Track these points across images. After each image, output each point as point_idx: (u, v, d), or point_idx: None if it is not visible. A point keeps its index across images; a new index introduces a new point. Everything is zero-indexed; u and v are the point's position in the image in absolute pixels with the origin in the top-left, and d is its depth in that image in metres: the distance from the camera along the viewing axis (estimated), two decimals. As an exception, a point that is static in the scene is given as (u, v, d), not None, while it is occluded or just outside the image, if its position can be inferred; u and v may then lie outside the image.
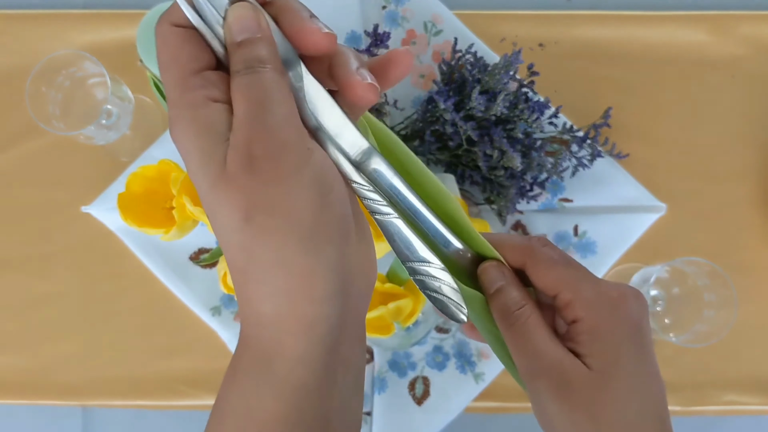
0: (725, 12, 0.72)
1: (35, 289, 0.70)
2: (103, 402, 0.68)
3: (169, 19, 0.24)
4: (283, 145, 0.22)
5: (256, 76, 0.23)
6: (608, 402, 0.28)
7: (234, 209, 0.22)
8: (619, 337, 0.29)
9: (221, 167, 0.22)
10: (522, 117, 0.60)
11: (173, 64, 0.23)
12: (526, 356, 0.29)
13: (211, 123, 0.23)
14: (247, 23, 0.23)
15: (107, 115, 0.61)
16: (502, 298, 0.30)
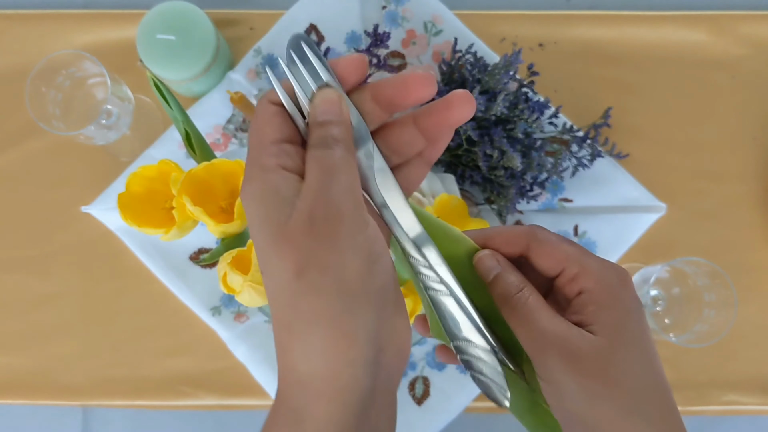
0: (725, 12, 0.72)
1: (35, 289, 0.70)
2: (103, 402, 0.68)
3: (268, 96, 0.27)
4: (341, 213, 0.25)
5: (329, 151, 0.26)
6: (619, 367, 0.29)
7: (288, 264, 0.24)
8: (626, 307, 0.30)
9: (281, 226, 0.25)
10: (522, 117, 0.60)
11: (259, 132, 0.27)
12: (533, 335, 0.29)
13: (277, 187, 0.25)
14: (330, 107, 0.27)
15: (107, 115, 0.61)
16: (501, 284, 0.31)
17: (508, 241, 0.32)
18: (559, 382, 0.29)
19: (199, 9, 0.64)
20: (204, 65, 0.64)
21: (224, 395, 0.68)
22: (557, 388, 0.29)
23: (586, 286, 0.30)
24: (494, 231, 0.32)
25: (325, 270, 0.24)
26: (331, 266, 0.24)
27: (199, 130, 0.51)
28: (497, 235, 0.32)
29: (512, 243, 0.32)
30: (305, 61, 0.28)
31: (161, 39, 0.63)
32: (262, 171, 0.26)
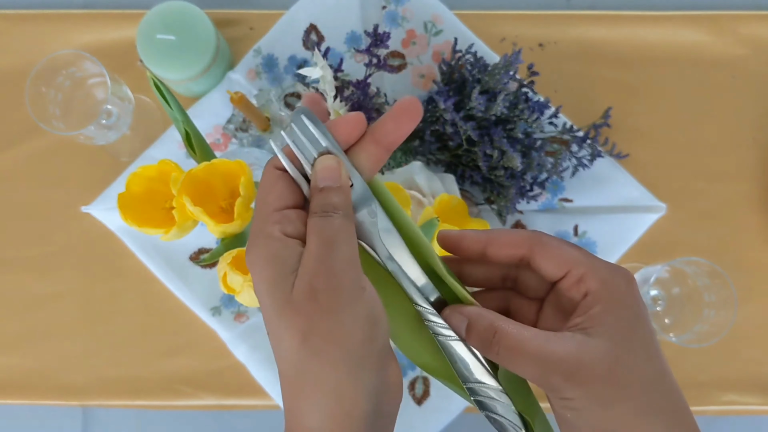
0: (725, 12, 0.72)
1: (35, 289, 0.70)
2: (103, 402, 0.68)
3: (273, 162, 0.29)
4: (341, 283, 0.26)
5: (329, 220, 0.27)
6: (629, 368, 0.28)
7: (295, 331, 0.26)
8: (633, 308, 0.29)
9: (287, 294, 0.26)
10: (522, 117, 0.60)
11: (263, 198, 0.28)
12: (528, 365, 0.29)
13: (279, 254, 0.27)
14: (329, 174, 0.28)
15: (107, 115, 0.61)
16: (474, 334, 0.30)
17: (511, 243, 0.31)
18: (571, 400, 0.28)
19: (199, 9, 0.64)
20: (204, 65, 0.64)
21: (224, 395, 0.68)
22: (573, 409, 0.29)
23: (592, 287, 0.29)
24: (496, 233, 0.32)
25: (327, 338, 0.26)
26: (333, 333, 0.26)
27: (199, 130, 0.51)
28: (500, 237, 0.32)
29: (515, 245, 0.31)
30: (305, 131, 0.29)
31: (161, 39, 0.63)
32: (265, 238, 0.27)
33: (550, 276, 0.31)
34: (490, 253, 0.32)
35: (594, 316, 0.29)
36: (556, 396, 0.29)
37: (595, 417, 0.28)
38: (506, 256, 0.32)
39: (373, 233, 0.30)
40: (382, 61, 0.61)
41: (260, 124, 0.67)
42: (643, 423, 0.28)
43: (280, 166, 0.29)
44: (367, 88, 0.62)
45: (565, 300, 0.31)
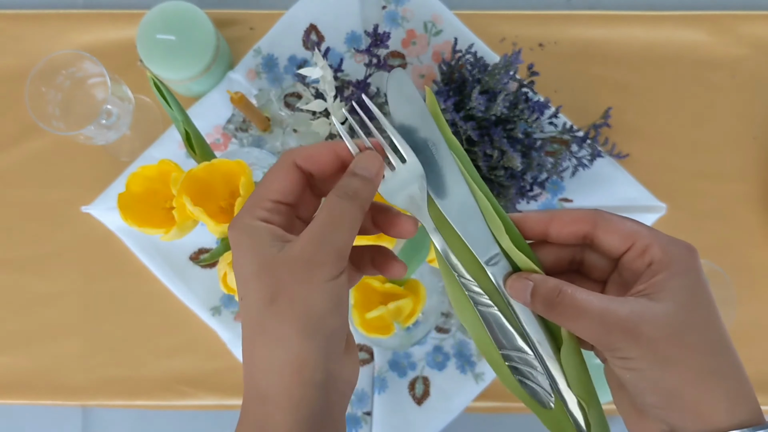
0: (725, 12, 0.72)
1: (35, 289, 0.70)
2: (103, 402, 0.68)
3: (294, 154, 0.31)
4: (327, 260, 0.28)
5: (345, 202, 0.29)
6: (692, 329, 0.28)
7: (264, 291, 0.28)
8: (695, 275, 0.30)
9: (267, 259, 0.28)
10: (522, 117, 0.60)
11: (268, 182, 0.31)
12: (592, 325, 0.29)
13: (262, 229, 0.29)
14: (369, 166, 0.31)
15: (107, 115, 0.61)
16: (540, 294, 0.31)
17: (574, 220, 0.32)
18: (632, 360, 0.29)
19: (199, 9, 0.64)
20: (204, 65, 0.64)
21: (224, 395, 0.68)
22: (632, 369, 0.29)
23: (656, 257, 0.30)
24: (559, 212, 0.33)
25: (292, 302, 0.28)
26: (300, 300, 0.28)
27: (199, 130, 0.51)
28: (562, 216, 0.32)
29: (578, 222, 0.32)
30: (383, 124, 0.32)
31: (161, 39, 0.63)
32: (252, 218, 0.30)
33: (614, 250, 0.31)
34: (552, 233, 0.32)
35: (657, 283, 0.29)
36: (615, 356, 0.29)
37: (656, 377, 0.28)
38: (569, 234, 0.32)
39: (421, 207, 0.32)
40: (382, 61, 0.61)
41: (260, 124, 0.67)
42: (703, 385, 0.28)
43: (299, 163, 0.31)
44: (367, 88, 0.62)
45: (628, 274, 0.32)
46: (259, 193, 0.31)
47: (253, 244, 0.29)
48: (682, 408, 0.28)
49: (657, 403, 0.29)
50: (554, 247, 0.34)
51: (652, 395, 0.29)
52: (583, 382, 0.32)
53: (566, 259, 0.34)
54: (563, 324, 0.30)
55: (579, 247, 0.33)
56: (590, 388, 0.33)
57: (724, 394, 0.28)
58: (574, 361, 0.32)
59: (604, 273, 0.33)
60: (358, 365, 0.32)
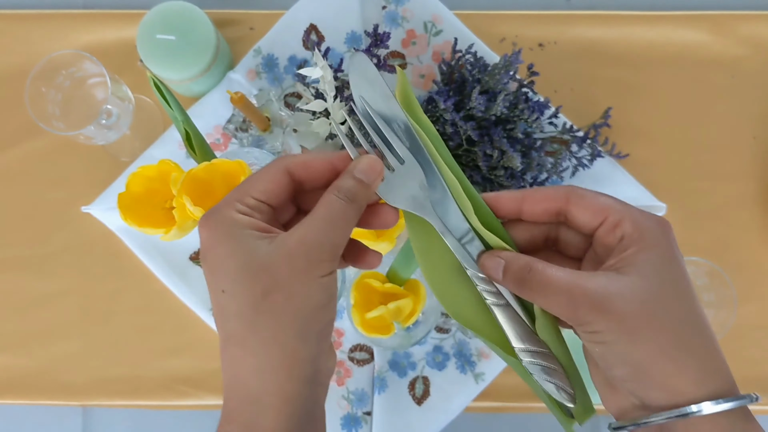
0: (725, 12, 0.72)
1: (35, 289, 0.70)
2: (103, 402, 0.68)
3: (287, 161, 0.30)
4: (323, 256, 0.28)
5: (344, 203, 0.29)
6: (660, 304, 0.28)
7: (256, 286, 0.27)
8: (666, 249, 0.30)
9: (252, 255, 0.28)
10: (522, 117, 0.60)
11: (255, 181, 0.30)
12: (562, 300, 0.29)
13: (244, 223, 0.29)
14: (369, 172, 0.30)
15: (107, 115, 0.61)
16: (510, 274, 0.31)
17: (547, 197, 0.32)
18: (600, 333, 0.28)
19: (199, 9, 0.64)
20: (204, 65, 0.64)
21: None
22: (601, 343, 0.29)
23: (627, 231, 0.30)
24: (532, 190, 0.33)
25: (290, 296, 0.28)
26: (296, 294, 0.28)
27: (199, 130, 0.51)
28: (535, 193, 0.32)
29: (551, 198, 0.32)
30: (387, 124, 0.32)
31: (161, 39, 0.63)
32: (234, 212, 0.29)
33: (587, 225, 0.31)
34: (526, 210, 0.32)
35: (627, 257, 0.29)
36: (585, 330, 0.29)
37: (625, 350, 0.28)
38: (542, 211, 0.32)
39: (425, 206, 0.32)
40: (382, 61, 0.61)
41: (260, 124, 0.67)
42: (672, 358, 0.28)
43: (292, 170, 0.30)
44: (367, 88, 0.61)
45: (601, 250, 0.31)
46: (243, 189, 0.30)
47: (236, 236, 0.28)
48: (651, 381, 0.28)
49: (626, 376, 0.29)
50: (529, 225, 0.33)
51: (621, 368, 0.29)
52: (562, 356, 0.32)
53: (541, 237, 0.34)
54: (534, 300, 0.30)
55: (554, 225, 0.33)
56: (569, 362, 0.33)
57: (693, 367, 0.28)
58: (551, 336, 0.32)
59: (580, 250, 0.33)
60: (336, 357, 0.32)
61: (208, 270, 0.29)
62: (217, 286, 0.28)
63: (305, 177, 0.31)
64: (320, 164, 0.31)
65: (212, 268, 0.29)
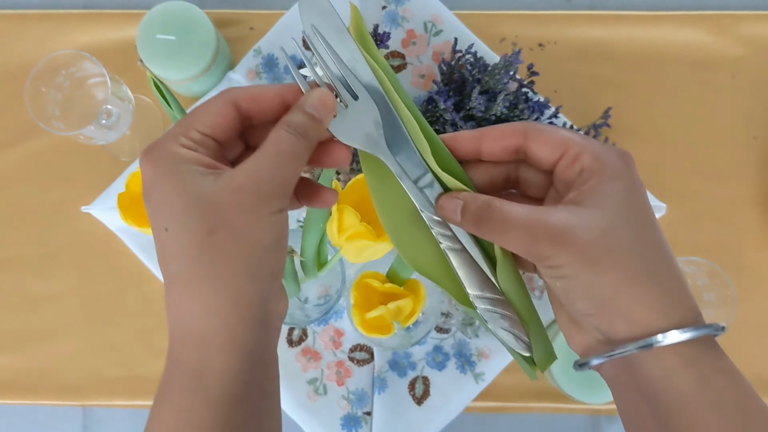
0: (725, 12, 0.72)
1: (35, 289, 0.70)
2: (103, 402, 0.68)
3: (234, 94, 0.29)
4: (273, 192, 0.27)
5: (294, 138, 0.28)
6: (620, 234, 0.28)
7: (201, 223, 0.26)
8: (626, 180, 0.29)
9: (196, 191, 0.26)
10: (522, 117, 0.60)
11: (199, 114, 0.28)
12: (521, 235, 0.28)
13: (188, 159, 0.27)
14: (322, 108, 0.29)
15: (107, 115, 0.61)
16: (468, 214, 0.30)
17: (506, 133, 0.31)
18: (561, 267, 0.28)
19: (199, 9, 0.64)
20: (204, 65, 0.64)
21: (224, 395, 0.68)
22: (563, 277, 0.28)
23: (586, 163, 0.29)
24: (489, 128, 0.32)
25: (239, 234, 0.26)
26: (245, 232, 0.26)
27: (199, 130, 0.51)
28: (493, 131, 0.31)
29: (509, 135, 0.31)
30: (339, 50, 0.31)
31: (161, 39, 0.63)
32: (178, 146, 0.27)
33: (546, 160, 0.30)
34: (485, 149, 0.32)
35: (587, 189, 0.29)
36: (545, 265, 0.28)
37: (586, 284, 0.28)
38: (501, 149, 0.31)
39: (380, 144, 0.30)
40: (382, 61, 0.60)
41: (260, 124, 0.67)
42: (634, 288, 0.27)
43: (240, 103, 0.29)
44: (367, 88, 0.62)
45: (562, 186, 0.31)
46: (187, 122, 0.28)
47: (180, 172, 0.26)
48: (614, 312, 0.28)
49: (588, 309, 0.28)
50: (488, 165, 0.33)
51: (584, 302, 0.28)
52: (522, 301, 0.32)
53: (501, 177, 0.33)
54: (493, 238, 0.29)
55: (513, 164, 0.33)
56: (530, 308, 0.32)
57: (656, 297, 0.27)
58: (511, 280, 0.31)
59: (541, 189, 0.32)
60: (288, 300, 0.31)
61: (150, 208, 0.27)
62: (160, 225, 0.27)
63: (254, 110, 0.29)
64: (269, 97, 0.29)
65: (155, 205, 0.27)
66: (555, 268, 0.28)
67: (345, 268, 0.60)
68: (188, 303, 0.27)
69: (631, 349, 0.27)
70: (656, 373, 0.27)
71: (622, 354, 0.28)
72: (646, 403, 0.28)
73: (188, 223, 0.26)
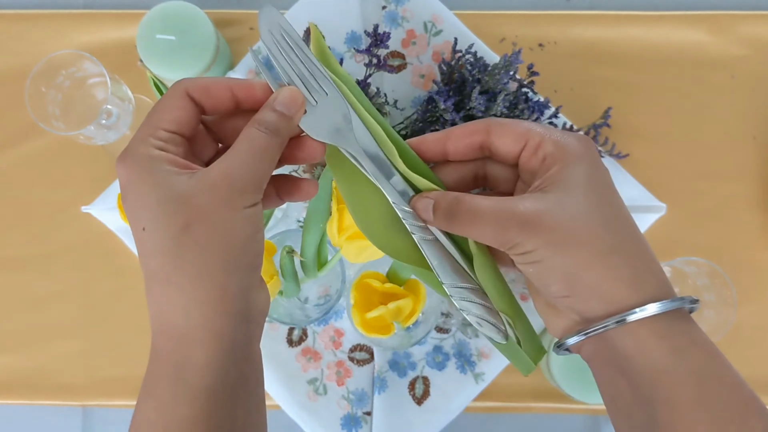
0: (725, 12, 0.72)
1: (35, 289, 0.70)
2: (103, 402, 0.68)
3: (186, 85, 0.29)
4: (246, 187, 0.28)
5: (266, 136, 0.29)
6: (584, 213, 0.28)
7: (178, 219, 0.26)
8: (586, 163, 0.30)
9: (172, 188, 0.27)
10: (522, 117, 0.60)
11: (158, 112, 0.29)
12: (488, 225, 0.29)
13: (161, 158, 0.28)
14: (290, 104, 0.30)
15: (107, 115, 0.61)
16: (440, 210, 0.31)
17: (469, 131, 0.32)
18: (531, 253, 0.29)
19: (199, 9, 0.64)
20: (204, 65, 0.64)
21: (224, 395, 0.68)
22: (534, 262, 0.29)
23: (548, 151, 0.30)
24: (453, 128, 0.33)
25: (214, 228, 0.27)
26: (220, 225, 0.27)
27: (199, 130, 0.51)
28: (457, 130, 0.32)
29: (473, 132, 0.32)
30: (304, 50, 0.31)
31: (161, 39, 0.63)
32: (147, 147, 0.28)
33: (510, 153, 0.31)
34: (451, 149, 0.33)
35: (551, 176, 0.30)
36: (516, 252, 0.29)
37: (557, 265, 0.28)
38: (466, 147, 0.32)
39: (348, 137, 0.31)
40: (382, 61, 0.61)
41: (260, 124, 0.67)
42: (602, 265, 0.28)
43: (192, 93, 0.29)
44: (367, 88, 0.62)
45: (528, 176, 0.32)
46: (150, 123, 0.29)
47: (155, 172, 0.27)
48: (586, 291, 0.28)
49: (561, 291, 0.29)
50: (456, 165, 0.34)
51: (556, 284, 0.29)
52: (504, 297, 0.32)
53: (470, 176, 0.34)
54: (465, 232, 0.30)
55: (480, 162, 0.34)
56: (513, 302, 0.33)
57: (625, 272, 0.28)
58: (490, 275, 0.32)
59: (509, 183, 0.33)
60: (269, 294, 0.31)
61: (128, 209, 0.28)
62: (138, 225, 0.27)
63: (206, 102, 0.30)
64: (220, 90, 0.30)
65: (132, 206, 0.28)
66: (526, 254, 0.29)
67: (345, 268, 0.60)
68: (168, 298, 0.27)
69: (606, 325, 0.28)
70: (631, 347, 0.28)
71: (595, 331, 0.28)
72: (624, 378, 0.28)
73: (163, 220, 0.27)
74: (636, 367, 0.28)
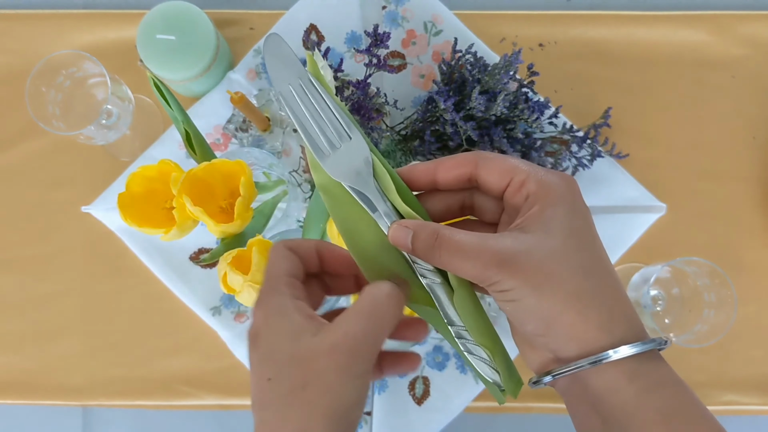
0: (725, 12, 0.72)
1: (35, 289, 0.70)
2: (103, 402, 0.68)
3: (285, 243, 0.33)
4: (364, 353, 0.29)
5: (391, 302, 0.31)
6: (560, 256, 0.29)
7: (294, 378, 0.28)
8: (568, 205, 0.30)
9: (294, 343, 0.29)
10: (522, 117, 0.60)
11: (276, 264, 0.32)
12: (468, 262, 0.30)
13: (293, 308, 0.30)
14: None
15: (107, 115, 0.61)
16: (419, 242, 0.31)
17: (457, 163, 0.33)
18: (509, 291, 0.29)
19: (199, 9, 0.64)
20: (204, 65, 0.64)
21: (224, 395, 0.68)
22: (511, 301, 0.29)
23: (531, 189, 0.31)
24: (443, 159, 0.33)
25: (326, 392, 0.28)
26: (332, 391, 0.28)
27: (199, 130, 0.51)
28: (446, 161, 0.33)
29: (461, 164, 0.32)
30: None
31: (161, 39, 0.63)
32: (279, 293, 0.31)
33: (495, 187, 0.32)
34: (440, 179, 0.33)
35: (532, 215, 0.30)
36: (495, 290, 0.30)
37: (532, 306, 0.29)
38: (454, 178, 0.33)
39: (368, 182, 0.32)
40: (382, 61, 0.61)
41: (260, 124, 0.67)
42: (575, 308, 0.28)
43: (292, 247, 0.33)
44: (367, 88, 0.62)
45: (512, 211, 0.32)
46: (272, 275, 0.32)
47: (286, 323, 0.30)
48: (559, 332, 0.29)
49: (537, 330, 0.30)
50: (444, 195, 0.34)
51: (532, 324, 0.30)
52: (483, 330, 0.33)
53: (457, 205, 0.34)
54: (445, 266, 0.31)
55: (468, 192, 0.34)
56: (492, 335, 0.33)
57: (599, 316, 0.29)
58: (470, 308, 0.32)
59: (494, 213, 0.34)
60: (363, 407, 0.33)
61: (257, 356, 0.30)
62: (264, 374, 0.29)
63: (330, 263, 0.33)
64: (346, 259, 0.33)
65: (262, 356, 0.30)
66: (504, 293, 0.29)
67: (345, 268, 0.60)
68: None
69: (580, 365, 0.29)
70: (603, 387, 0.29)
71: (568, 372, 0.29)
72: (597, 415, 0.30)
73: (287, 376, 0.29)
74: (607, 406, 0.29)
